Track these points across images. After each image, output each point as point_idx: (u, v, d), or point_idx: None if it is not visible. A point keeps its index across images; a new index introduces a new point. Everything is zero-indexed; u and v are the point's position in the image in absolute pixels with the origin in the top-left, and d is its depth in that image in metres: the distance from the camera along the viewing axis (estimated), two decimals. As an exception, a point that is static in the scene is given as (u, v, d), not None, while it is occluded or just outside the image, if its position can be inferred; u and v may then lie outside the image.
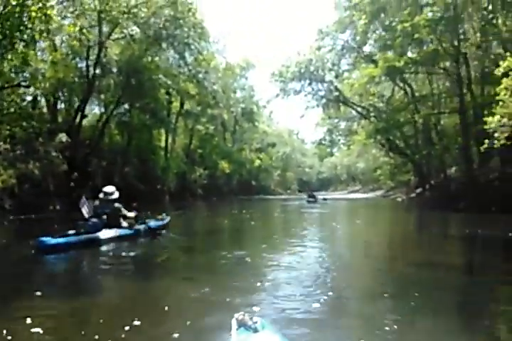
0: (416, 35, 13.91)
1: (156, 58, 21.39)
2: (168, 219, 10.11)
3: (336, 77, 26.96)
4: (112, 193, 8.41)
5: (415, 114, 17.65)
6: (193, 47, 20.96)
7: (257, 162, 53.37)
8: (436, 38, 13.76)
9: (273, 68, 28.17)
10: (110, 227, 8.02)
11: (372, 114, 23.89)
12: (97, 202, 8.31)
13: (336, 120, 35.72)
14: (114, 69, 21.54)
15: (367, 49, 24.32)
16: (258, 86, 75.97)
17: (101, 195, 8.40)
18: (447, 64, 15.89)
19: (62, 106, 23.57)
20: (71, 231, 7.43)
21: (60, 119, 22.41)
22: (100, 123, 22.74)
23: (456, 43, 14.41)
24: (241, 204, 30.52)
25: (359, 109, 26.64)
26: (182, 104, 34.67)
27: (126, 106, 24.63)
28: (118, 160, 26.03)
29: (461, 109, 16.03)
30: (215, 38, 35.51)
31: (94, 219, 7.83)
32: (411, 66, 15.71)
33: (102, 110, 24.39)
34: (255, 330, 2.41)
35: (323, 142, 40.52)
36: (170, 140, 34.59)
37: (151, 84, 22.21)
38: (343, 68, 27.09)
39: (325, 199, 32.08)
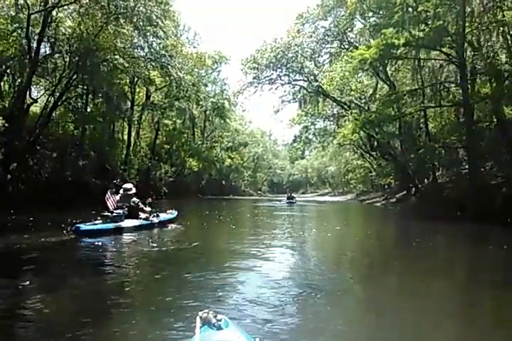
0: (420, 8, 11.87)
1: (114, 37, 18.60)
2: (176, 213, 11.46)
3: (317, 67, 24.52)
4: (130, 189, 9.75)
5: (411, 107, 15.50)
6: (155, 24, 18.30)
7: (228, 161, 51.24)
8: (444, 12, 11.68)
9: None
10: (130, 218, 9.42)
11: (354, 111, 21.83)
12: (117, 197, 9.61)
13: (313, 118, 33.51)
14: (65, 47, 18.69)
15: (351, 39, 22.23)
16: (232, 83, 73.71)
17: (121, 191, 9.74)
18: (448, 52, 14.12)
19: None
20: (98, 221, 8.79)
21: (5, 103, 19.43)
22: (48, 108, 19.80)
23: (461, 28, 12.50)
24: (211, 204, 28.33)
25: (341, 103, 24.34)
26: (148, 96, 32.18)
27: (80, 91, 21.75)
28: (71, 153, 23.12)
29: (465, 101, 13.86)
30: (186, 26, 33.39)
31: (119, 211, 9.18)
32: (410, 49, 13.70)
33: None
34: (219, 328, 2.39)
35: (297, 140, 38.49)
36: (133, 133, 31.99)
37: (107, 66, 19.54)
38: (324, 57, 24.66)
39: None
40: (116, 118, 28.33)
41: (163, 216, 10.63)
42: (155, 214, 10.27)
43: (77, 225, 8.13)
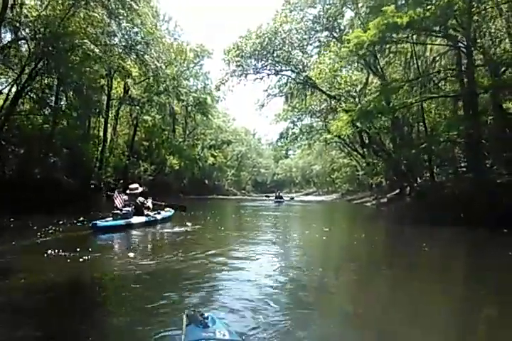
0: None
1: (84, 22, 16.86)
2: (172, 211, 12.54)
3: (305, 55, 22.82)
4: (136, 189, 10.69)
5: (412, 97, 14.09)
6: (129, 7, 16.63)
7: (211, 160, 49.60)
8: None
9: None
10: (137, 215, 10.32)
11: (349, 101, 20.31)
12: (125, 196, 10.41)
13: (299, 113, 32.00)
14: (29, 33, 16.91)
15: (342, 26, 20.83)
16: (215, 78, 71.02)
17: (128, 191, 10.66)
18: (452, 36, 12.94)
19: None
20: (109, 218, 9.73)
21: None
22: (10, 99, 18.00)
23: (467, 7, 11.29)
24: (193, 204, 26.85)
25: (331, 96, 22.86)
26: (126, 90, 30.41)
27: (48, 82, 19.93)
28: (40, 149, 21.33)
29: (471, 91, 12.60)
30: (167, 16, 31.73)
31: (128, 208, 10.07)
32: (411, 32, 12.41)
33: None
34: (205, 326, 2.40)
35: (284, 136, 37.11)
36: (110, 129, 30.21)
37: (77, 54, 17.81)
38: (314, 45, 22.86)
39: (292, 198, 37.16)
40: (90, 113, 26.65)
41: (163, 213, 11.79)
42: (157, 212, 11.47)
43: (94, 222, 9.00)
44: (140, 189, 10.83)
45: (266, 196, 47.83)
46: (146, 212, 10.82)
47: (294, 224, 15.39)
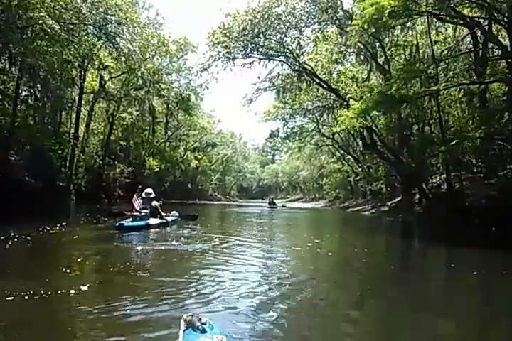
0: None
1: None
2: (177, 214, 13.25)
3: (301, 38, 19.58)
4: (151, 193, 11.67)
5: (433, 84, 11.74)
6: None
7: (194, 163, 47.09)
8: None
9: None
10: (152, 217, 11.37)
11: (364, 88, 17.65)
12: (141, 200, 11.55)
13: (292, 110, 29.55)
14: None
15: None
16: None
17: (143, 195, 11.58)
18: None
19: None
20: (128, 219, 10.81)
21: None
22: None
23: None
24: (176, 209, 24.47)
25: (331, 89, 20.09)
26: (102, 84, 27.81)
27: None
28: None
29: None
30: (147, 3, 29.32)
31: (145, 211, 11.21)
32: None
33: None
34: (203, 331, 2.41)
35: (274, 134, 34.85)
36: (83, 126, 27.49)
37: (34, 31, 15.23)
38: (313, 27, 19.38)
39: (284, 206, 36.70)
40: (60, 107, 24.03)
41: (171, 217, 12.56)
42: (166, 215, 12.14)
43: (121, 222, 10.03)
44: (154, 194, 11.76)
45: (261, 198, 52.79)
46: (161, 214, 11.79)
47: (309, 234, 13.19)
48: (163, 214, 11.89)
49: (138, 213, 10.97)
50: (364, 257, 7.91)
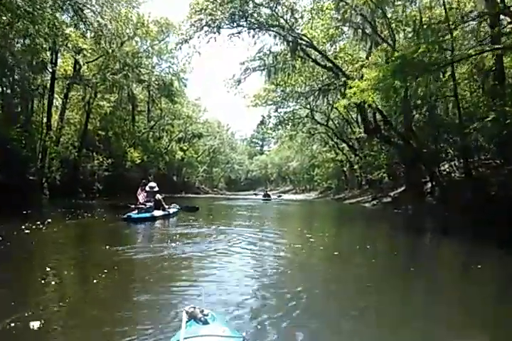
0: None
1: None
2: (178, 207, 14.00)
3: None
4: (154, 187, 12.33)
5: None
6: None
7: (180, 154, 44.95)
8: None
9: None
10: (156, 209, 12.07)
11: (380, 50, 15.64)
12: (145, 193, 12.26)
13: (284, 94, 27.49)
14: None
15: None
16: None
17: (147, 188, 12.28)
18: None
19: None
20: (134, 211, 11.37)
21: None
22: None
23: None
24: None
25: (331, 63, 17.80)
26: (77, 69, 25.54)
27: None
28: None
29: None
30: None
31: (150, 203, 11.91)
32: None
33: None
34: (205, 322, 2.37)
35: (266, 120, 32.90)
36: (56, 115, 25.29)
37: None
38: None
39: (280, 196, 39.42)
40: (29, 94, 21.84)
41: (172, 209, 13.25)
42: (168, 207, 12.85)
43: (129, 214, 10.87)
44: (157, 188, 12.35)
45: (255, 194, 51.74)
46: (163, 207, 12.44)
47: (321, 229, 12.00)
48: (166, 206, 12.70)
49: (143, 206, 11.69)
50: (394, 261, 6.55)
